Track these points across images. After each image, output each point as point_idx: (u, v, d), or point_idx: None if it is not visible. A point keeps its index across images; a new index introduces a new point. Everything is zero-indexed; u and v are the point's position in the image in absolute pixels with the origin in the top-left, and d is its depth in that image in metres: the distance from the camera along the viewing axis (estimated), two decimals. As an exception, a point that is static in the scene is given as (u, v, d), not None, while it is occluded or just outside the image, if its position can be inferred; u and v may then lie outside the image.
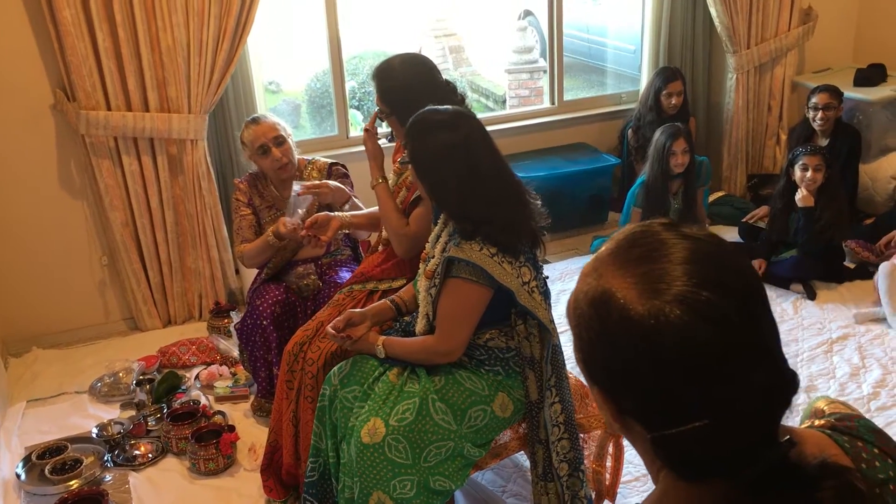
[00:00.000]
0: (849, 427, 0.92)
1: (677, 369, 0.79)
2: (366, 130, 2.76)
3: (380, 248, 2.79)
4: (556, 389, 2.26)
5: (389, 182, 2.67)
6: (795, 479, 0.80)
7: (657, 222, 0.89)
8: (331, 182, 3.03)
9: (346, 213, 2.91)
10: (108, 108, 3.67)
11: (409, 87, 2.53)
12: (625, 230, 0.91)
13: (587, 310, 0.86)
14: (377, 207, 2.71)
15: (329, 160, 3.32)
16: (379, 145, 2.75)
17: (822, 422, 0.94)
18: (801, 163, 3.97)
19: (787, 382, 0.84)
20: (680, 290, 0.80)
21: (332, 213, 2.88)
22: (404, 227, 2.56)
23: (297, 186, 2.97)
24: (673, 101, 4.62)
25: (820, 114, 4.40)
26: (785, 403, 0.84)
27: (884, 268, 3.70)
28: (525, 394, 2.28)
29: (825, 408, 1.07)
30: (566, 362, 2.33)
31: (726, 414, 0.80)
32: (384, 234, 2.73)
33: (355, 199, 3.10)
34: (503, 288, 2.13)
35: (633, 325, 0.80)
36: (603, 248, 0.91)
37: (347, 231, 3.07)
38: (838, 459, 0.88)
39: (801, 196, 3.92)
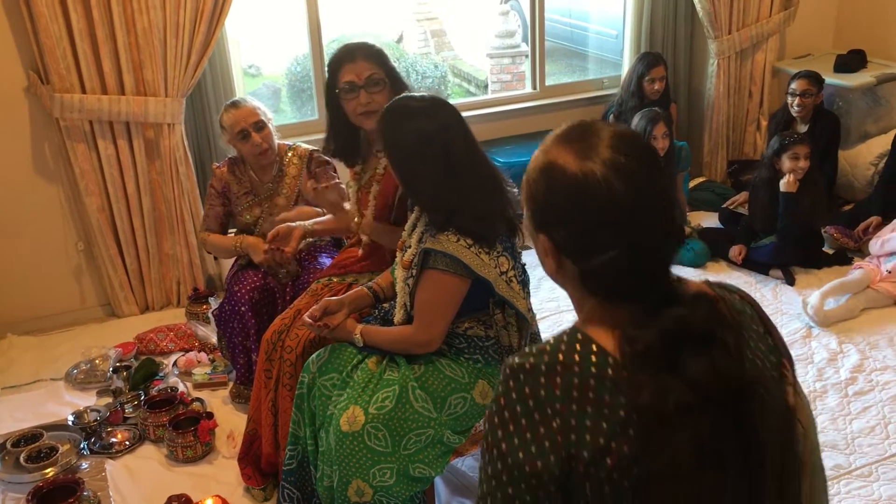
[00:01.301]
0: (719, 283, 1.27)
1: (598, 211, 1.10)
2: (314, 189, 2.66)
3: (360, 251, 2.75)
4: None
5: (353, 189, 2.64)
6: (679, 302, 1.12)
7: (592, 119, 1.20)
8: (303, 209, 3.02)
9: (309, 222, 2.88)
10: (83, 91, 3.61)
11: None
12: (566, 123, 1.21)
13: (536, 175, 1.17)
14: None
15: (310, 147, 3.29)
16: (335, 192, 2.67)
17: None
18: (790, 152, 3.96)
19: (678, 229, 1.15)
20: (604, 156, 1.10)
21: (293, 224, 2.85)
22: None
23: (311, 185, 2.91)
24: (656, 87, 4.62)
25: (798, 100, 4.41)
26: (675, 247, 1.15)
27: (862, 273, 3.72)
28: None
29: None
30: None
31: (634, 248, 1.10)
32: (364, 238, 2.70)
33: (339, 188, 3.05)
34: (481, 278, 2.11)
35: (569, 180, 1.11)
36: (549, 135, 1.21)
37: (311, 239, 3.05)
38: (711, 294, 1.19)
39: (786, 182, 3.93)
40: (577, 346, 1.11)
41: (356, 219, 2.62)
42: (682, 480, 1.06)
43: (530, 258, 2.35)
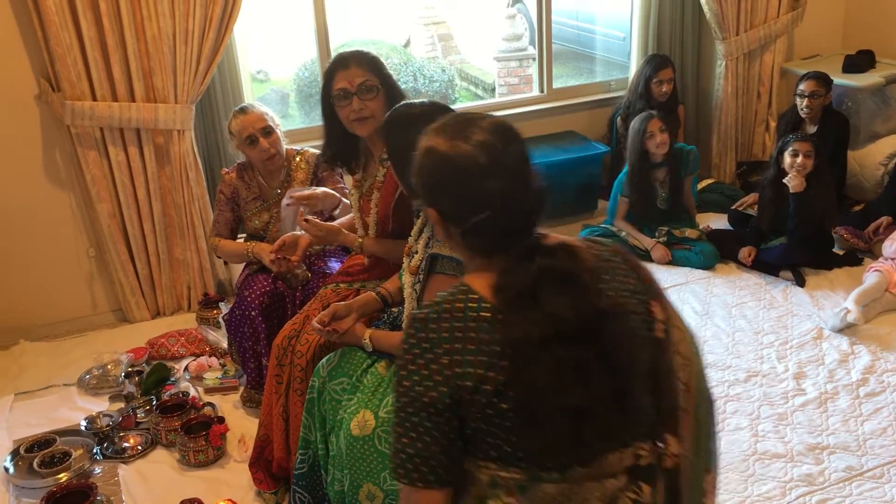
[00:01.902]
0: (593, 238, 1.51)
1: (467, 181, 1.34)
2: (305, 221, 2.66)
3: (366, 261, 2.76)
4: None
5: (355, 197, 2.65)
6: (542, 252, 1.33)
7: (467, 112, 1.45)
8: (318, 190, 2.99)
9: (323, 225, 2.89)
10: (94, 99, 3.64)
11: None
12: (449, 115, 1.45)
13: (420, 160, 1.40)
14: (348, 217, 2.70)
15: (317, 152, 3.30)
16: (327, 225, 2.68)
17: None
18: (791, 149, 3.97)
19: (537, 192, 1.38)
20: (470, 137, 1.35)
21: (298, 233, 2.87)
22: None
23: (287, 199, 2.95)
24: (664, 89, 4.62)
25: (806, 101, 4.40)
26: (537, 208, 1.37)
27: (876, 276, 3.71)
28: None
29: None
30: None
31: (500, 210, 1.33)
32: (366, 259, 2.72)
33: (345, 200, 3.05)
34: None
35: (443, 158, 1.36)
36: (430, 126, 1.42)
37: (317, 247, 3.06)
38: (574, 244, 1.40)
39: (792, 181, 3.92)
40: (461, 296, 1.34)
41: (358, 239, 2.64)
42: (550, 398, 1.27)
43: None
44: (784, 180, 3.95)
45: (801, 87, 4.43)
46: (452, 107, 2.34)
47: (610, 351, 1.30)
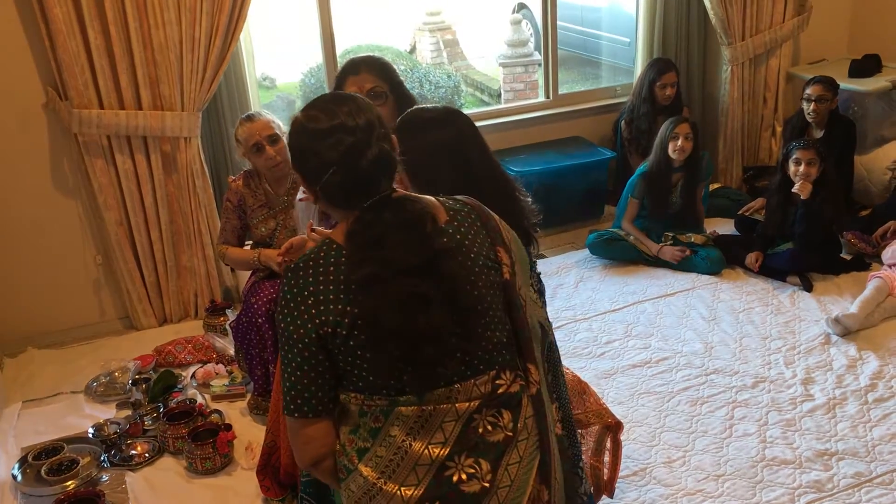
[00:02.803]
0: (449, 196, 1.71)
1: (314, 145, 1.54)
2: (312, 230, 2.64)
3: None
4: (553, 387, 2.25)
5: None
6: (392, 203, 1.55)
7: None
8: None
9: (320, 229, 2.89)
10: (101, 107, 3.65)
11: None
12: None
13: (289, 132, 1.64)
14: None
15: None
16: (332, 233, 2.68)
17: None
18: (794, 157, 3.97)
19: (380, 150, 1.54)
20: (312, 105, 1.62)
21: (305, 237, 2.87)
22: None
23: (300, 193, 2.96)
24: (667, 93, 4.62)
25: (812, 105, 4.39)
26: (385, 168, 1.56)
27: (877, 282, 3.69)
28: None
29: None
30: (561, 359, 2.32)
31: (342, 168, 1.52)
32: None
33: None
34: None
35: (298, 126, 1.59)
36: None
37: None
38: (419, 197, 1.62)
39: (800, 190, 3.91)
40: (324, 248, 1.55)
41: None
42: (395, 327, 1.47)
43: (544, 267, 2.35)
44: (793, 189, 3.95)
45: (808, 91, 4.42)
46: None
47: (448, 284, 1.52)
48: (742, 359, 3.42)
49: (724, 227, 4.59)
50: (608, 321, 3.79)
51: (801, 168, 3.92)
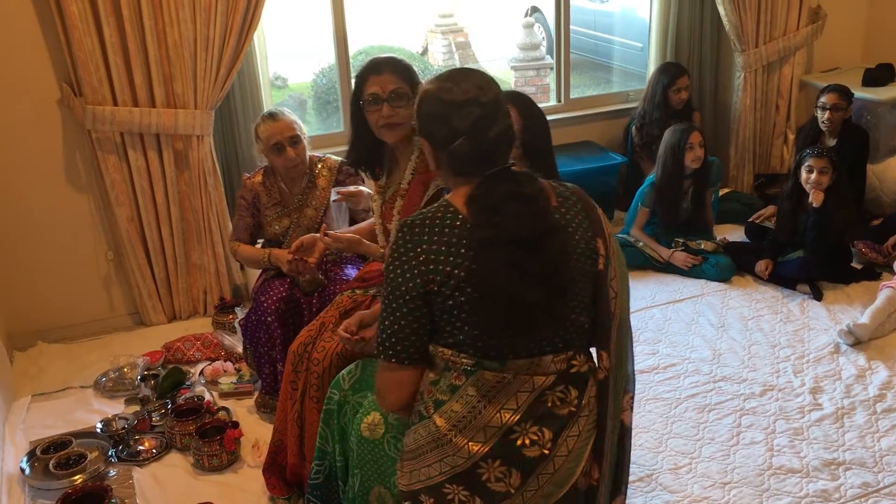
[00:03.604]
0: (560, 182, 1.82)
1: (445, 114, 1.67)
2: (326, 234, 2.69)
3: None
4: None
5: (377, 203, 2.65)
6: (511, 176, 1.68)
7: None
8: (364, 189, 3.03)
9: (333, 233, 2.91)
10: (115, 104, 3.67)
11: None
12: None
13: (418, 100, 1.76)
14: (368, 222, 2.70)
15: (339, 159, 3.32)
16: (347, 237, 2.70)
17: None
18: (806, 164, 3.96)
19: (510, 129, 1.70)
20: (458, 82, 1.70)
21: (317, 235, 2.88)
22: None
23: (334, 195, 2.97)
24: (682, 96, 4.62)
25: (827, 114, 4.38)
26: (507, 142, 1.69)
27: (888, 292, 3.68)
28: None
29: None
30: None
31: (471, 137, 1.65)
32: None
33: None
34: None
35: (431, 95, 1.71)
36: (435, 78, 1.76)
37: (332, 252, 3.07)
38: (537, 177, 1.72)
39: (813, 198, 3.90)
40: (441, 208, 1.67)
41: (380, 249, 2.64)
42: (497, 291, 1.59)
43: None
44: (812, 204, 3.93)
45: (823, 99, 4.41)
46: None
47: (549, 262, 1.63)
48: (750, 366, 3.41)
49: (735, 234, 4.58)
50: (616, 326, 3.78)
51: (814, 176, 3.91)
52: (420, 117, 1.74)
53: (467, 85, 1.67)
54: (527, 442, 1.66)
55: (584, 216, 1.75)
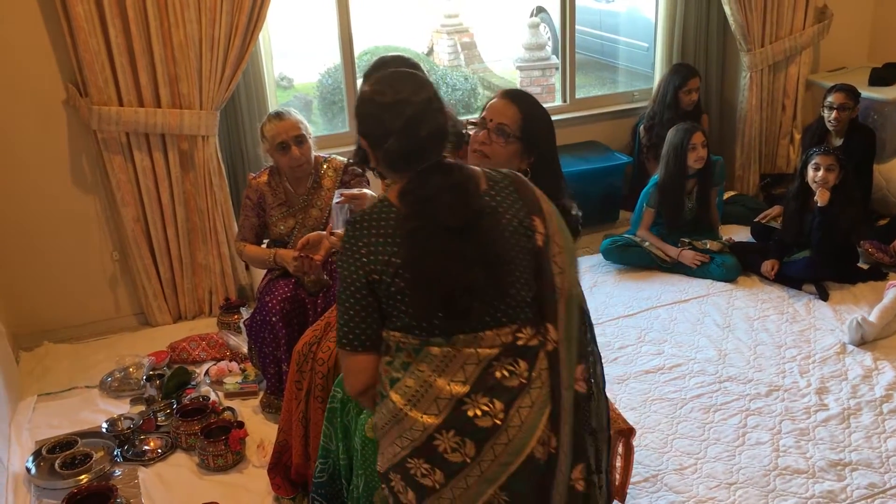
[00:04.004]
0: (493, 168, 1.92)
1: (380, 113, 1.75)
2: (331, 234, 2.79)
3: None
4: (583, 349, 2.26)
5: None
6: (442, 168, 1.78)
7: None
8: (368, 191, 3.02)
9: (339, 232, 2.91)
10: (120, 104, 3.68)
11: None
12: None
13: (357, 102, 1.85)
14: None
15: (344, 159, 3.33)
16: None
17: None
18: (813, 162, 3.94)
19: (442, 127, 1.77)
20: (374, 81, 1.83)
21: (323, 233, 2.89)
22: None
23: (337, 197, 2.96)
24: (693, 98, 4.62)
25: (834, 113, 4.36)
26: (439, 139, 1.77)
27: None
28: None
29: None
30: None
31: (405, 137, 1.73)
32: None
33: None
34: None
35: (365, 98, 1.80)
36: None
37: (337, 252, 3.07)
38: (466, 165, 1.84)
39: (819, 197, 3.89)
40: (378, 204, 1.78)
41: None
42: (434, 277, 1.70)
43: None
44: (814, 198, 3.92)
45: (830, 98, 4.39)
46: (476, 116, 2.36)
47: (483, 243, 1.74)
48: (756, 367, 3.40)
49: (741, 234, 4.56)
50: (622, 326, 3.78)
51: (821, 173, 3.89)
52: (357, 118, 1.83)
53: (400, 86, 1.77)
54: (478, 412, 1.73)
55: (515, 197, 1.83)
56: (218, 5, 3.63)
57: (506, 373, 1.75)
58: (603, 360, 3.45)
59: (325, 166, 3.29)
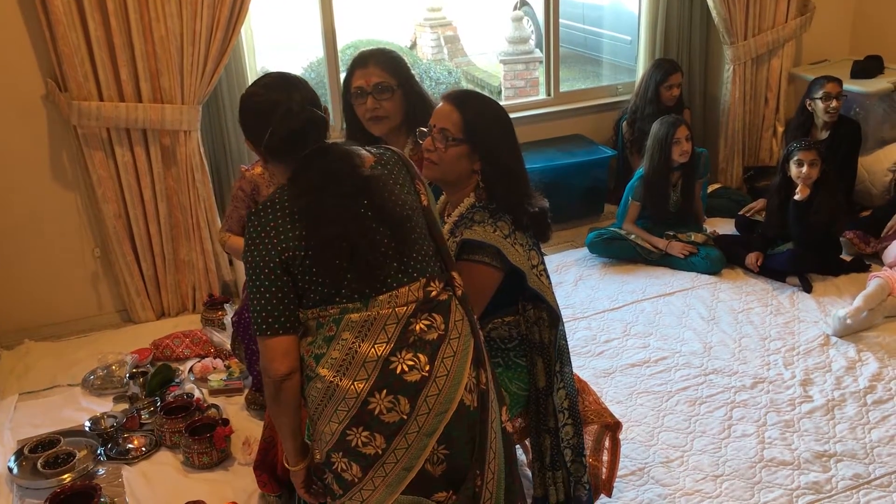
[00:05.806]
0: (376, 146, 2.05)
1: (256, 110, 1.88)
2: None
3: None
4: (561, 375, 2.26)
5: None
6: (322, 149, 1.88)
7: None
8: None
9: None
10: (101, 99, 3.64)
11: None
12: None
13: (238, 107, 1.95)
14: None
15: None
16: None
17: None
18: (795, 158, 3.95)
19: (315, 117, 1.86)
20: (264, 86, 1.92)
21: None
22: None
23: None
24: (674, 93, 4.62)
25: (833, 103, 4.35)
26: (314, 128, 1.86)
27: (878, 281, 3.68)
28: (532, 382, 2.29)
29: None
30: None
31: (279, 127, 1.82)
32: None
33: None
34: (514, 270, 2.16)
35: (243, 101, 1.92)
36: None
37: None
38: (343, 145, 1.95)
39: (799, 193, 3.91)
40: (278, 191, 1.86)
41: None
42: (337, 243, 1.78)
43: (547, 263, 2.35)
44: (795, 196, 3.94)
45: (826, 89, 4.36)
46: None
47: (379, 203, 1.85)
48: (741, 359, 3.41)
49: (725, 227, 4.58)
50: (607, 320, 3.78)
51: (805, 169, 3.90)
52: (240, 122, 1.95)
53: (273, 85, 1.89)
54: (405, 368, 1.81)
55: (401, 165, 1.98)
56: (199, -1, 3.59)
57: (424, 326, 1.85)
58: (589, 355, 3.50)
59: None
